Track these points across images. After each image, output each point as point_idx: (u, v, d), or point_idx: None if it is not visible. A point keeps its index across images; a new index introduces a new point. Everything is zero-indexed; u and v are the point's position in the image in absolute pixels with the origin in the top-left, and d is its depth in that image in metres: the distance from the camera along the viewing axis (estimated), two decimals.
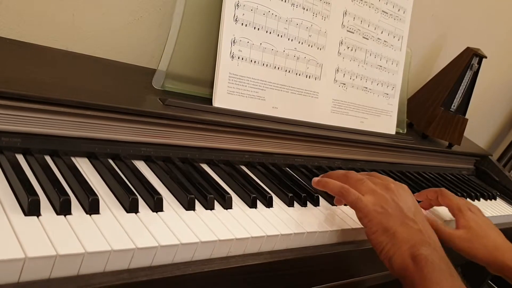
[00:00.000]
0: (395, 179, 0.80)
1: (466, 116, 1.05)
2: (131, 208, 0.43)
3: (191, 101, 0.58)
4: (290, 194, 0.57)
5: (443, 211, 0.75)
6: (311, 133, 0.69)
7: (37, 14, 0.59)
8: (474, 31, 1.24)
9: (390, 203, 0.52)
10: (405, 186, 0.57)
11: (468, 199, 0.90)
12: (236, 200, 0.53)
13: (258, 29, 0.64)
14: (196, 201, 0.48)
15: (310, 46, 0.71)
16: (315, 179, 0.57)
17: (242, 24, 0.62)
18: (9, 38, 0.56)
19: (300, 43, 0.69)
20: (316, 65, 0.72)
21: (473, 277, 0.98)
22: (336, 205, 0.61)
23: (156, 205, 0.44)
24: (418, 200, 0.74)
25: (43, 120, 0.46)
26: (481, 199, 0.96)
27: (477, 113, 1.41)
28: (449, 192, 0.71)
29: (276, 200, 0.57)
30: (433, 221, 0.66)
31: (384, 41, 0.83)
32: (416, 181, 0.86)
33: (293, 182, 0.62)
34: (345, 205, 0.61)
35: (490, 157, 1.13)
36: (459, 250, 0.64)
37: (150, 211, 0.44)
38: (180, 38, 0.59)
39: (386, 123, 0.86)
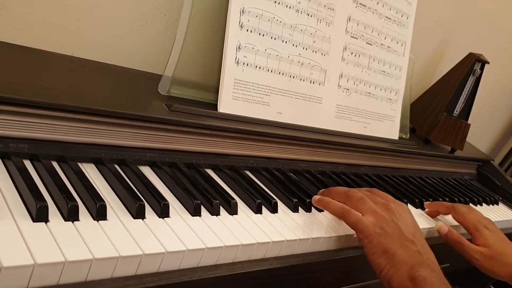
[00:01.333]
0: (398, 184, 0.81)
1: (468, 121, 1.06)
2: (138, 214, 0.43)
3: (197, 107, 0.58)
4: (295, 200, 0.57)
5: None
6: (315, 138, 0.70)
7: (42, 20, 0.59)
8: (477, 37, 1.25)
9: (389, 223, 0.52)
10: (404, 206, 0.57)
11: (471, 204, 0.90)
12: (241, 205, 0.53)
13: (263, 35, 0.64)
14: (202, 206, 0.48)
15: (314, 51, 0.71)
16: (316, 197, 0.57)
17: (247, 30, 0.62)
18: (15, 43, 0.56)
19: (305, 49, 0.69)
20: (320, 71, 0.72)
21: (475, 281, 0.98)
22: None
23: (163, 211, 0.45)
24: (428, 210, 0.74)
25: (50, 126, 0.46)
26: (484, 204, 0.96)
27: (479, 118, 1.41)
28: (462, 209, 0.71)
29: (280, 205, 0.57)
30: (458, 237, 0.67)
31: (388, 46, 0.83)
32: (419, 186, 0.86)
33: (298, 187, 0.62)
34: None
35: (492, 162, 1.13)
36: (481, 267, 0.65)
37: (157, 217, 0.44)
38: (186, 44, 0.59)
39: (389, 128, 0.86)
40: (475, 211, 0.72)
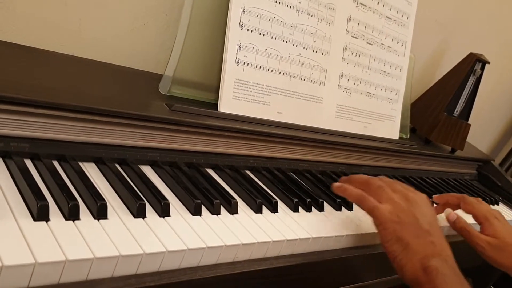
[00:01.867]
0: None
1: (469, 121, 1.06)
2: (139, 213, 0.43)
3: (197, 106, 0.58)
4: (295, 199, 0.57)
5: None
6: (315, 138, 0.70)
7: (43, 20, 0.59)
8: (477, 37, 1.25)
9: (406, 212, 0.53)
10: (424, 196, 0.57)
11: None
12: (241, 205, 0.53)
13: (264, 35, 0.64)
14: (202, 206, 0.48)
15: (315, 51, 0.71)
16: (335, 184, 0.58)
17: (247, 30, 0.62)
18: (16, 43, 0.57)
19: (305, 48, 0.69)
20: (321, 71, 0.72)
21: (476, 281, 0.98)
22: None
23: (163, 210, 0.45)
24: (437, 202, 0.74)
25: (51, 125, 0.46)
26: None
27: (480, 118, 1.41)
28: (472, 199, 0.71)
29: (281, 205, 0.57)
30: (465, 224, 0.67)
31: (388, 46, 0.83)
32: (419, 186, 0.87)
33: (298, 187, 0.62)
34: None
35: (492, 162, 1.13)
36: (488, 257, 0.65)
37: (157, 216, 0.44)
38: (187, 44, 0.59)
39: (390, 128, 0.86)
40: (484, 203, 0.72)
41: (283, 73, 0.67)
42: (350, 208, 0.64)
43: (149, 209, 0.45)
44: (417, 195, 0.56)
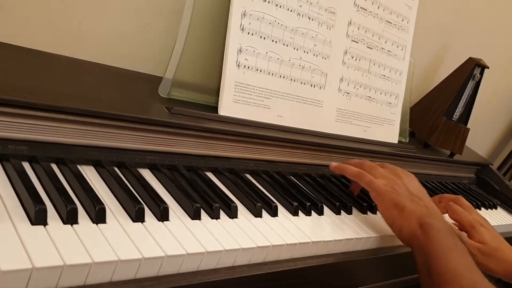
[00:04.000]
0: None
1: (468, 125, 1.06)
2: (137, 217, 0.43)
3: (197, 109, 0.58)
4: (295, 203, 0.57)
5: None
6: (315, 142, 0.70)
7: (43, 21, 0.59)
8: (477, 42, 1.25)
9: (399, 184, 0.60)
10: (412, 175, 0.64)
11: None
12: (241, 209, 0.53)
13: (264, 38, 0.64)
14: (202, 210, 0.48)
15: (315, 55, 0.71)
16: (333, 163, 0.65)
17: (248, 33, 0.62)
18: (16, 44, 0.56)
19: (306, 52, 0.69)
20: (321, 74, 0.72)
21: None
22: (353, 193, 0.69)
23: (162, 214, 0.44)
24: None
25: (49, 128, 0.46)
26: (482, 208, 0.96)
27: (478, 122, 1.41)
28: (459, 208, 0.71)
29: (280, 209, 0.56)
30: (456, 230, 0.68)
31: (388, 50, 0.83)
32: None
33: (298, 191, 0.62)
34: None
35: (490, 166, 1.13)
36: (477, 263, 0.65)
37: (156, 220, 0.44)
38: (187, 47, 0.59)
39: (389, 132, 0.86)
40: (473, 210, 0.73)
41: (284, 77, 0.67)
42: (349, 212, 0.64)
43: (148, 213, 0.44)
44: (406, 173, 0.64)
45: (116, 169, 0.50)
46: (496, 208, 1.01)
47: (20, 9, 0.57)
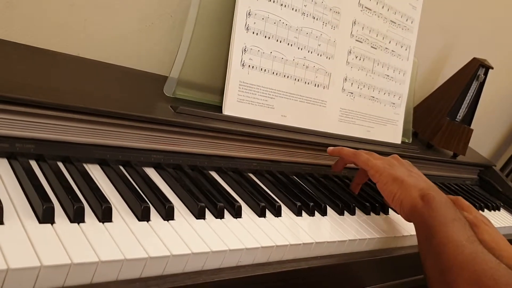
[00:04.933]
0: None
1: (471, 126, 1.06)
2: (143, 216, 0.43)
3: (202, 109, 0.58)
4: (298, 203, 0.57)
5: None
6: (318, 142, 0.70)
7: (49, 20, 0.59)
8: (481, 42, 1.25)
9: (396, 164, 0.62)
10: (409, 162, 0.65)
11: None
12: (245, 208, 0.53)
13: (269, 38, 0.64)
14: (206, 209, 0.48)
15: (319, 55, 0.71)
16: (330, 148, 0.66)
17: (253, 32, 0.62)
18: (21, 43, 0.56)
19: (310, 52, 0.69)
20: (325, 74, 0.72)
21: None
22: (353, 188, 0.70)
23: (168, 214, 0.45)
24: None
25: (56, 126, 0.46)
26: (485, 209, 0.96)
27: (482, 123, 1.41)
28: (461, 206, 0.71)
29: (284, 209, 0.57)
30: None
31: (392, 50, 0.83)
32: None
33: (301, 191, 0.62)
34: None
35: (494, 167, 1.13)
36: None
37: (161, 220, 0.44)
38: (192, 46, 0.59)
39: (392, 132, 0.86)
40: (471, 209, 0.73)
41: (288, 76, 0.67)
42: (352, 212, 0.64)
43: (153, 212, 0.45)
44: (403, 160, 0.65)
45: (121, 168, 0.50)
46: (499, 210, 1.00)
47: (26, 7, 0.57)
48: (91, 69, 0.60)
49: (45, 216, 0.37)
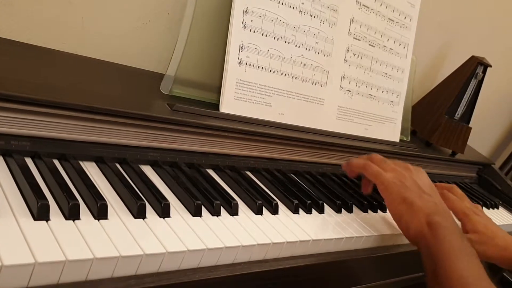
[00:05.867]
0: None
1: (470, 124, 1.05)
2: (139, 213, 0.43)
3: (199, 107, 0.58)
4: (296, 201, 0.57)
5: None
6: (316, 140, 0.70)
7: (46, 18, 0.59)
8: (480, 40, 1.25)
9: (408, 179, 0.58)
10: (421, 169, 0.63)
11: None
12: (241, 206, 0.53)
13: (266, 35, 0.64)
14: (203, 207, 0.48)
15: (317, 53, 0.71)
16: (344, 163, 0.64)
17: (250, 30, 0.62)
18: (19, 41, 0.56)
19: (307, 50, 0.69)
20: (323, 72, 0.72)
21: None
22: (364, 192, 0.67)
23: (163, 211, 0.45)
24: None
25: (52, 124, 0.46)
26: (484, 208, 0.96)
27: (480, 121, 1.41)
28: (452, 196, 0.71)
29: (281, 206, 0.57)
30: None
31: (390, 48, 0.83)
32: None
33: (298, 189, 0.62)
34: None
35: (492, 165, 1.13)
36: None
37: (157, 217, 0.44)
38: (189, 44, 0.59)
39: (390, 130, 0.86)
40: (466, 199, 0.73)
41: (285, 74, 0.67)
42: (350, 210, 0.64)
43: (149, 209, 0.44)
44: (416, 168, 0.62)
45: (117, 165, 0.50)
46: (497, 208, 1.00)
47: (23, 5, 0.57)
48: (88, 67, 0.60)
49: (40, 213, 0.37)
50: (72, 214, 0.38)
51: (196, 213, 0.47)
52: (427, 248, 0.51)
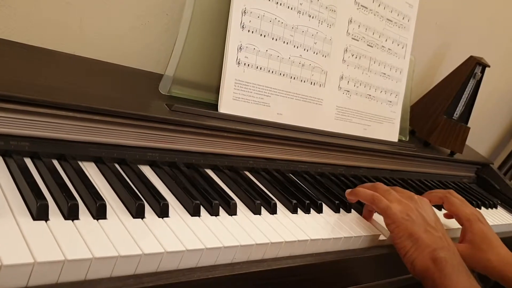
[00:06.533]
0: (397, 186, 0.81)
1: (468, 124, 1.06)
2: (138, 213, 0.43)
3: (197, 107, 0.58)
4: (294, 201, 0.58)
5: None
6: (314, 140, 0.70)
7: (45, 19, 0.59)
8: (478, 40, 1.25)
9: (414, 212, 0.58)
10: (426, 199, 0.63)
11: None
12: (240, 206, 0.53)
13: (264, 36, 0.64)
14: (201, 207, 0.48)
15: (315, 53, 0.71)
16: (348, 190, 0.63)
17: (248, 30, 0.62)
18: (17, 41, 0.56)
19: (306, 50, 0.69)
20: (321, 72, 0.72)
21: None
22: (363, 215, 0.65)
23: (162, 211, 0.45)
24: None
25: (51, 124, 0.46)
26: (482, 207, 0.96)
27: (479, 121, 1.41)
28: (457, 201, 0.70)
29: (280, 206, 0.57)
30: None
31: (388, 49, 0.83)
32: (418, 189, 0.87)
33: (297, 189, 0.62)
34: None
35: (491, 165, 1.13)
36: (470, 259, 0.65)
37: (156, 217, 0.45)
38: (187, 44, 0.59)
39: (389, 130, 0.86)
40: (468, 204, 0.72)
41: (284, 75, 0.67)
42: (348, 210, 0.64)
43: (148, 209, 0.45)
44: (420, 198, 0.62)
45: (116, 165, 0.50)
46: (496, 208, 1.01)
47: (22, 6, 0.57)
48: (87, 67, 0.60)
49: (39, 213, 0.37)
50: (71, 214, 0.39)
51: (195, 213, 0.47)
52: (433, 283, 0.51)
